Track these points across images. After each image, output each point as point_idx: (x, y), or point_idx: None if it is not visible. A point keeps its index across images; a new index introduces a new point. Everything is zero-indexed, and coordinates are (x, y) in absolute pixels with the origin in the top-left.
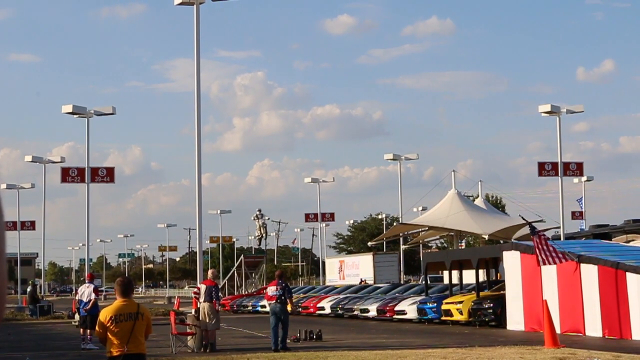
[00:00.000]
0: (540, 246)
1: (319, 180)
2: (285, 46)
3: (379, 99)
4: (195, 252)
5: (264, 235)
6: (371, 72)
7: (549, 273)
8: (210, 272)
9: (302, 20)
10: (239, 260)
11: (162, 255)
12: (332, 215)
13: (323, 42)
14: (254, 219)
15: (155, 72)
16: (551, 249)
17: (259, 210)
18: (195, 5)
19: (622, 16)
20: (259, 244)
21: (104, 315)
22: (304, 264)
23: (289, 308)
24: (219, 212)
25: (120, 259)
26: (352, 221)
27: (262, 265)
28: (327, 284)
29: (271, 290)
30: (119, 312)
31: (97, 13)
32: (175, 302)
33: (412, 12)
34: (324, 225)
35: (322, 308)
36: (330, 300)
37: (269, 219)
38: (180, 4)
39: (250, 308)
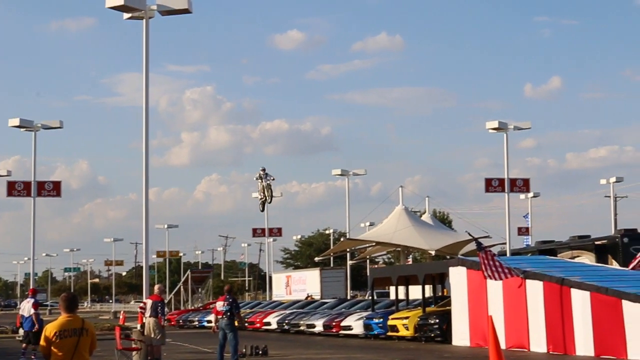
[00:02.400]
0: (486, 262)
1: None
2: (235, 61)
3: (328, 114)
4: (142, 267)
5: (268, 198)
6: (320, 87)
7: (495, 289)
8: (156, 287)
9: (251, 35)
10: (186, 275)
11: (108, 270)
12: (279, 230)
13: (272, 57)
14: (257, 179)
15: (103, 86)
16: (497, 264)
17: (263, 170)
18: (144, 20)
19: (569, 33)
20: (262, 209)
21: (49, 330)
22: (251, 279)
23: (237, 323)
24: (166, 226)
25: (66, 273)
26: (299, 236)
27: (209, 280)
28: (274, 299)
29: (219, 305)
30: (64, 328)
31: (46, 27)
32: (121, 317)
33: (361, 28)
34: (271, 240)
35: (269, 323)
36: (277, 316)
37: (274, 179)
38: (130, 18)
39: (196, 323)
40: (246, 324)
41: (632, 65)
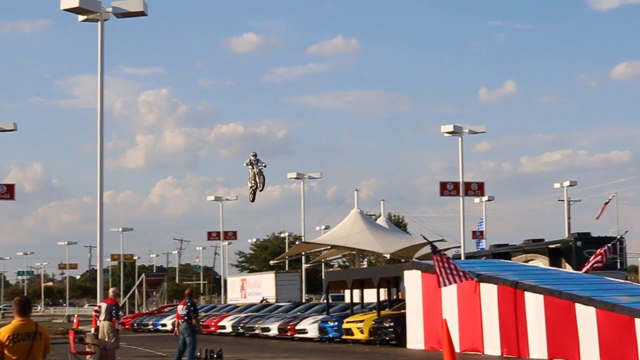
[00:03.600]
0: (440, 264)
1: (222, 199)
2: (190, 64)
3: (284, 117)
4: (96, 270)
5: (260, 185)
6: (276, 90)
7: (449, 292)
8: (111, 290)
9: (207, 38)
10: (140, 278)
11: (62, 273)
12: (234, 233)
13: (228, 61)
14: (247, 165)
15: (58, 88)
16: (452, 266)
17: (254, 155)
18: (99, 22)
19: (524, 38)
20: (253, 199)
21: (2, 334)
22: (206, 282)
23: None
24: (120, 229)
25: (20, 277)
26: (254, 240)
27: (164, 284)
28: (229, 302)
29: (179, 309)
30: (17, 332)
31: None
32: (75, 321)
33: (317, 31)
34: (226, 243)
35: (223, 327)
36: (232, 319)
37: (265, 166)
38: (85, 20)
39: (151, 327)
40: (200, 328)
41: (585, 69)
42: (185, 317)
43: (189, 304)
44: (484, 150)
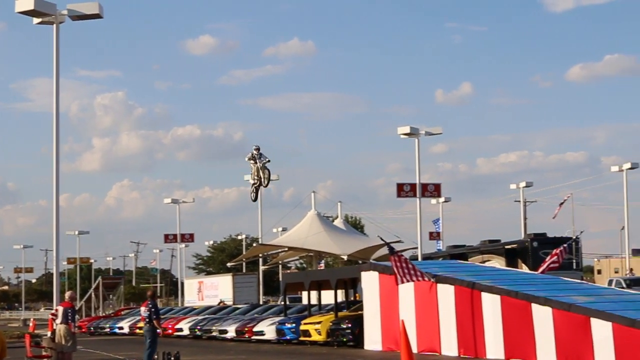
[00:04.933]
0: (398, 264)
1: (179, 201)
2: (146, 66)
3: (240, 119)
4: (52, 274)
5: (264, 181)
6: (232, 92)
7: (407, 293)
8: (67, 293)
9: (163, 41)
10: (97, 281)
11: (18, 277)
12: (191, 236)
13: (184, 63)
14: (249, 160)
15: (13, 91)
16: (410, 266)
17: (257, 149)
18: (54, 25)
19: (479, 39)
20: (255, 198)
21: None
22: (163, 285)
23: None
24: (77, 233)
25: None
26: (211, 242)
27: (120, 287)
28: (186, 305)
29: (142, 310)
30: None
31: None
32: (31, 325)
33: (273, 33)
34: (183, 246)
35: (181, 329)
36: (189, 322)
37: (269, 161)
38: (40, 23)
39: (107, 330)
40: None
41: (540, 71)
42: (147, 319)
43: (150, 305)
44: (440, 151)
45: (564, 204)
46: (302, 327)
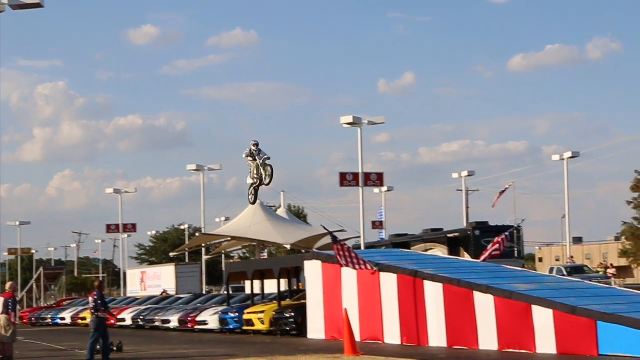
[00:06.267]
0: (341, 253)
1: (121, 191)
2: (88, 56)
3: (183, 109)
4: None
5: (266, 178)
6: (175, 82)
7: (350, 282)
8: (8, 284)
9: (105, 30)
10: (38, 272)
11: None
12: (133, 226)
13: (126, 53)
14: (247, 157)
15: None
16: (353, 255)
17: (256, 144)
18: None
19: (422, 30)
20: (254, 200)
21: None
22: (105, 275)
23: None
24: (18, 223)
25: None
26: (154, 232)
27: (62, 277)
28: (129, 295)
29: (90, 301)
30: None
31: None
32: None
33: (216, 23)
34: (125, 236)
35: (123, 319)
36: (131, 312)
37: (269, 157)
38: None
39: (49, 321)
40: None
41: (483, 61)
42: (93, 310)
43: (96, 296)
44: (383, 141)
45: (505, 193)
46: (245, 317)
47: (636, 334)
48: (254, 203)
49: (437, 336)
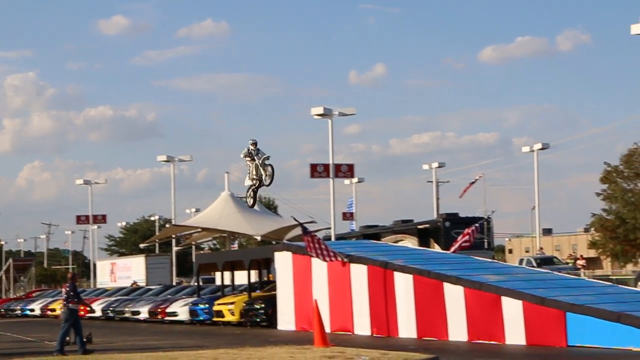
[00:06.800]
0: (311, 244)
1: (91, 182)
2: (58, 46)
3: (153, 100)
4: None
5: (266, 179)
6: (146, 73)
7: (320, 273)
8: None
9: (75, 21)
10: (7, 263)
11: None
12: (103, 217)
13: (97, 43)
14: (245, 157)
15: None
16: (323, 247)
17: (254, 143)
18: None
19: (393, 21)
20: (253, 203)
21: None
22: (75, 266)
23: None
24: None
25: None
26: (124, 223)
27: (31, 269)
28: (99, 286)
29: (62, 292)
30: None
31: None
32: None
33: (187, 14)
34: (95, 227)
35: (93, 311)
36: (101, 303)
37: (268, 157)
38: None
39: (18, 312)
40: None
41: (453, 52)
42: (64, 301)
43: (68, 287)
44: (354, 132)
45: (474, 184)
46: (216, 308)
47: (604, 325)
48: (252, 206)
49: (407, 327)
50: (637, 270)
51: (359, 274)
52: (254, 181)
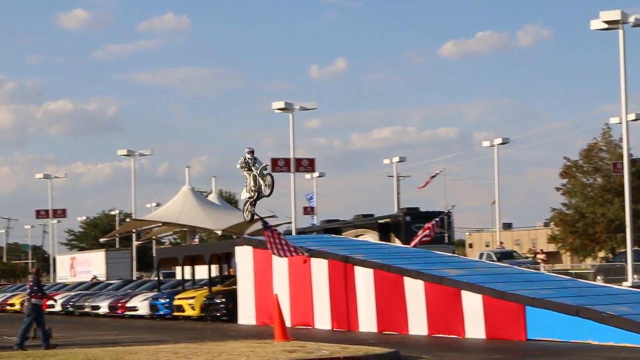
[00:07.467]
0: (272, 240)
1: (51, 176)
2: (18, 40)
3: (114, 94)
4: None
5: (266, 189)
6: (106, 67)
7: (280, 267)
8: None
9: (35, 14)
10: None
11: None
12: (63, 211)
13: (57, 37)
14: (241, 167)
15: None
16: (283, 242)
17: (251, 152)
18: None
19: (354, 16)
20: (252, 218)
21: None
22: (34, 261)
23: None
24: None
25: None
26: (84, 217)
27: None
28: (58, 281)
29: (27, 286)
30: None
31: None
32: None
33: (148, 7)
34: (55, 221)
35: (52, 305)
36: (61, 298)
37: (266, 166)
38: None
39: None
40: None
41: (414, 47)
42: (28, 296)
43: (32, 282)
44: (314, 127)
45: (435, 178)
46: (176, 303)
47: (564, 319)
48: (251, 220)
49: (367, 321)
50: (596, 264)
51: (319, 268)
52: (252, 193)
